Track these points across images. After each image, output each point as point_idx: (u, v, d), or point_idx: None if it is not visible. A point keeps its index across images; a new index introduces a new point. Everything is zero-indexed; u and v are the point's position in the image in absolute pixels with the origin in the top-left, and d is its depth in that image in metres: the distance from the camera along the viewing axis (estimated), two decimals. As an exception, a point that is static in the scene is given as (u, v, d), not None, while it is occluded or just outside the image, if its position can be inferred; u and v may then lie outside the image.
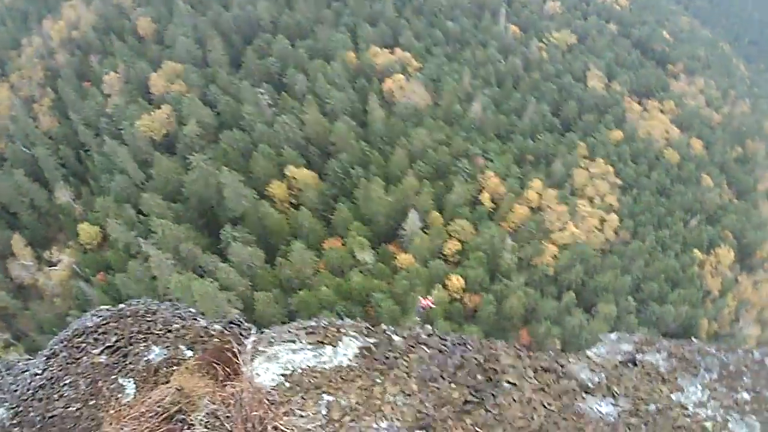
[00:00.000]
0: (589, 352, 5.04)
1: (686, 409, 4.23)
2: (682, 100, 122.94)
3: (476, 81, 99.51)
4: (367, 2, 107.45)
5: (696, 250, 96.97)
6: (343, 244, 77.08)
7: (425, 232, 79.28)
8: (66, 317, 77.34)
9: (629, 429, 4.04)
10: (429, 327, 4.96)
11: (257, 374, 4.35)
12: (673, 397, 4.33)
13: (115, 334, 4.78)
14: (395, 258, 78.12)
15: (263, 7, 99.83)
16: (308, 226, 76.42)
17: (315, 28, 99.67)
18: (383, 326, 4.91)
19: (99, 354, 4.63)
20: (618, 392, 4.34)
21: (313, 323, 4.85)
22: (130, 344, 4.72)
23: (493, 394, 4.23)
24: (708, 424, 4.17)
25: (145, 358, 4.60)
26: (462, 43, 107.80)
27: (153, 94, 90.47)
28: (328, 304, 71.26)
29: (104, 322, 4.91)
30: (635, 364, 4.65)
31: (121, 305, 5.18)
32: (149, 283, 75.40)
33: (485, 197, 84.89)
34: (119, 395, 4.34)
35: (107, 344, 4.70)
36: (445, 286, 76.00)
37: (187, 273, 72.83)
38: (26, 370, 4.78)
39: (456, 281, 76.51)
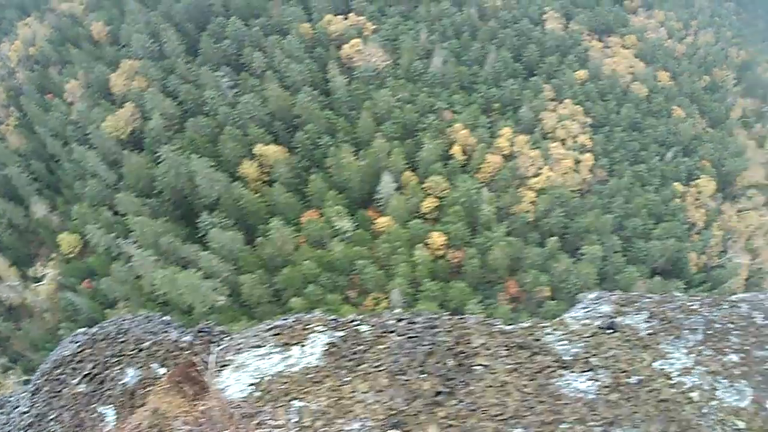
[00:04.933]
0: (566, 317, 4.84)
1: (670, 378, 4.02)
2: (644, 34, 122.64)
3: (434, 36, 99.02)
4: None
5: (675, 183, 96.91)
6: (320, 215, 77.17)
7: (401, 193, 79.35)
8: (57, 331, 76.88)
9: (609, 407, 3.86)
10: (399, 310, 4.98)
11: (227, 386, 4.37)
12: (655, 365, 4.10)
13: (91, 360, 4.92)
14: (374, 222, 78.23)
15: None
16: (284, 202, 76.54)
17: (267, 5, 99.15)
18: (350, 316, 4.91)
19: (78, 384, 4.76)
20: (597, 365, 4.16)
21: (280, 322, 4.90)
22: (106, 369, 4.85)
23: (465, 382, 4.12)
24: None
25: (121, 382, 4.73)
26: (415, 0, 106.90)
27: (114, 94, 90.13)
28: (313, 278, 71.39)
29: (80, 348, 5.04)
30: (614, 330, 4.47)
31: (95, 328, 5.34)
32: (134, 282, 75.16)
33: (456, 150, 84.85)
34: (101, 423, 4.44)
35: (84, 372, 4.84)
36: (427, 245, 75.85)
37: (170, 267, 72.77)
38: (17, 406, 4.93)
39: (437, 238, 76.33)
